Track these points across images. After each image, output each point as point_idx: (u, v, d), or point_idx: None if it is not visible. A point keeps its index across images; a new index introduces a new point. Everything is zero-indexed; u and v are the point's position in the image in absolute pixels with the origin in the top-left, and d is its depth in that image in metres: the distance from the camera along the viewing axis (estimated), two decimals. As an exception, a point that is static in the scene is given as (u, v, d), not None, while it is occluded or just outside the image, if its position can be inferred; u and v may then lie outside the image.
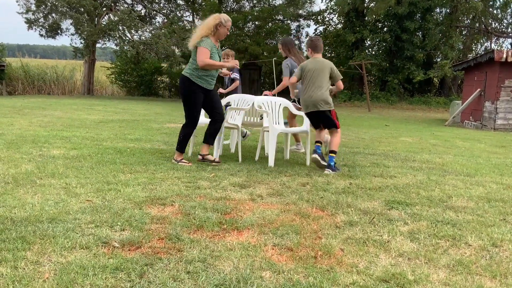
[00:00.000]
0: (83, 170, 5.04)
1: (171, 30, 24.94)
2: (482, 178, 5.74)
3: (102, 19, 25.13)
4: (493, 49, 16.02)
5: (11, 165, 5.09)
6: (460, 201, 4.47)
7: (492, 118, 15.08)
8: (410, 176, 5.65)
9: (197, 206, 3.86)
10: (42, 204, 3.71)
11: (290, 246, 3.10)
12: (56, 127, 8.88)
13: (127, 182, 4.60)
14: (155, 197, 4.09)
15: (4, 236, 2.98)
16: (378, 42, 29.79)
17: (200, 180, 4.90)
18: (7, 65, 24.13)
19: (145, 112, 14.31)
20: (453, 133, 13.08)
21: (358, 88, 28.51)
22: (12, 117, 10.40)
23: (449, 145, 9.57)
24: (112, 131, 8.76)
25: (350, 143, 8.84)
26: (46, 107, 14.35)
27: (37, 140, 6.97)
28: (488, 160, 7.42)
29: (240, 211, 3.85)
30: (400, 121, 16.95)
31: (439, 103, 26.35)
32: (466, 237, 3.41)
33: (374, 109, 22.98)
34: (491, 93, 15.25)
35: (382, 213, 3.96)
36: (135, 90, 29.19)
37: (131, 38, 24.65)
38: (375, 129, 12.67)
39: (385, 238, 3.33)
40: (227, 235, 3.28)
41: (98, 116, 12.01)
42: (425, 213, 4.00)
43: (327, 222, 3.65)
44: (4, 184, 4.28)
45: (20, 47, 59.86)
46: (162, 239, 3.11)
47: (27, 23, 23.49)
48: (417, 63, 26.98)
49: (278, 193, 4.50)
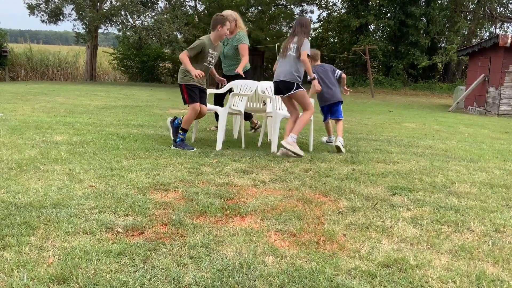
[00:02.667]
0: (86, 156, 5.05)
1: (173, 15, 24.80)
2: (485, 164, 5.73)
3: (104, 4, 25.00)
4: (498, 34, 15.89)
5: (14, 151, 5.10)
6: (463, 187, 4.47)
7: (496, 104, 15.01)
8: (413, 162, 5.65)
9: (200, 192, 3.87)
10: (45, 189, 3.73)
11: (293, 232, 3.11)
12: (59, 113, 8.88)
13: (130, 168, 4.61)
14: (158, 183, 4.10)
15: (8, 221, 3.00)
16: (382, 28, 29.61)
17: (203, 166, 4.90)
18: (10, 51, 24.07)
19: (148, 98, 14.30)
20: (456, 119, 13.04)
21: (362, 74, 28.39)
22: (15, 103, 10.40)
23: (452, 131, 9.55)
24: (115, 117, 8.76)
25: (353, 129, 8.83)
26: (49, 93, 14.34)
27: (40, 126, 6.98)
28: (492, 146, 7.40)
29: (243, 196, 3.86)
30: (403, 107, 16.90)
31: (443, 88, 26.25)
32: (469, 223, 3.41)
33: (377, 95, 22.89)
34: (495, 78, 15.17)
35: (385, 199, 3.97)
36: (138, 76, 29.12)
37: (133, 24, 24.55)
38: (378, 115, 12.64)
39: (387, 223, 3.34)
40: (230, 221, 3.29)
41: (100, 102, 12.01)
42: (428, 199, 4.00)
43: (329, 208, 3.65)
44: (7, 170, 4.29)
45: (23, 33, 59.62)
46: (165, 225, 3.12)
47: (29, 8, 23.37)
48: (421, 48, 26.83)
49: (281, 179, 4.50)
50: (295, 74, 5.79)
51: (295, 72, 5.80)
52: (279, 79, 5.87)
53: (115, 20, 23.95)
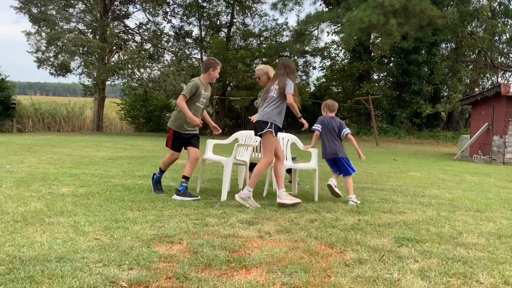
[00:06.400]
0: (92, 208, 5.05)
1: (179, 68, 25.31)
2: (492, 214, 5.68)
3: (112, 57, 25.60)
4: (500, 84, 16.07)
5: (20, 203, 5.11)
6: (470, 238, 4.42)
7: (501, 152, 15.01)
8: (419, 212, 5.61)
9: (205, 244, 3.85)
10: (50, 242, 3.72)
11: (299, 285, 3.07)
12: (66, 165, 8.95)
13: (135, 219, 4.61)
14: (163, 235, 4.08)
15: (12, 275, 2.98)
16: (384, 77, 30.04)
17: (208, 217, 4.89)
18: (18, 103, 24.49)
19: (154, 148, 14.40)
20: (462, 167, 13.01)
21: (366, 123, 28.59)
22: (22, 155, 10.50)
23: (458, 180, 9.51)
24: (121, 167, 8.81)
25: (358, 178, 8.81)
26: (56, 144, 14.49)
27: (47, 177, 7.02)
28: (498, 195, 7.36)
29: (248, 248, 3.83)
30: (408, 155, 16.91)
31: (447, 137, 26.34)
32: (478, 275, 3.36)
33: (382, 144, 22.97)
34: (499, 127, 15.23)
35: (392, 250, 3.93)
36: (144, 126, 29.46)
37: (140, 76, 25.04)
38: (383, 164, 12.64)
39: (395, 276, 3.29)
40: (235, 274, 3.25)
41: (107, 152, 12.10)
42: (436, 250, 3.95)
43: (336, 260, 3.61)
44: (13, 223, 4.29)
45: (31, 85, 60.89)
46: (170, 278, 3.09)
47: (37, 62, 23.98)
48: (424, 97, 27.13)
49: (286, 230, 4.47)
50: (270, 115, 5.65)
51: (270, 113, 5.66)
52: (258, 119, 5.78)
53: (122, 73, 24.46)
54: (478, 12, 25.72)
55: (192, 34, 30.52)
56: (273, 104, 5.71)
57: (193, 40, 30.32)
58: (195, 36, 30.51)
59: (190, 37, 30.39)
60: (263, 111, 5.75)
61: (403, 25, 18.95)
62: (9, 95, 23.62)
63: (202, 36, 30.34)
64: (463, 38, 27.66)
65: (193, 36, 30.48)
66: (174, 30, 30.20)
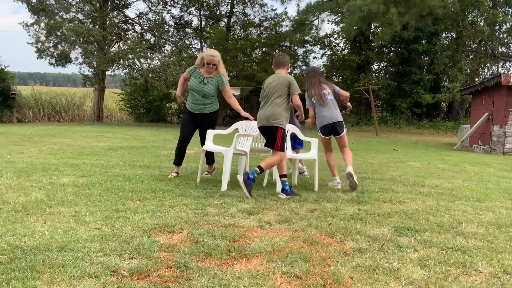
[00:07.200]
0: (93, 198, 5.07)
1: (180, 58, 25.24)
2: (492, 203, 5.70)
3: (111, 47, 25.53)
4: (500, 73, 16.04)
5: (21, 193, 5.13)
6: (470, 227, 4.44)
7: (501, 142, 15.01)
8: (419, 201, 5.63)
9: (205, 234, 3.87)
10: (51, 232, 3.73)
11: (299, 274, 3.09)
12: (66, 155, 8.95)
13: (135, 209, 4.62)
14: (163, 225, 4.10)
15: (14, 265, 3.00)
16: (385, 67, 29.95)
17: (209, 207, 4.90)
18: (18, 93, 24.47)
19: (154, 139, 14.40)
20: (462, 157, 13.02)
21: (366, 113, 28.57)
22: (23, 145, 10.51)
23: (458, 170, 9.52)
24: (121, 158, 8.82)
25: (358, 168, 8.82)
26: (56, 134, 14.49)
27: (47, 168, 7.03)
28: (498, 185, 7.37)
29: (249, 238, 3.85)
30: (408, 145, 16.92)
31: (448, 127, 26.33)
32: (477, 264, 3.38)
33: (382, 134, 22.97)
34: (499, 117, 15.23)
35: (392, 239, 3.94)
36: (144, 116, 29.44)
37: (140, 66, 24.99)
38: (383, 154, 12.65)
39: (394, 265, 3.31)
40: (236, 263, 3.27)
41: (107, 143, 12.11)
42: (435, 240, 3.97)
43: (336, 249, 3.63)
44: (14, 213, 4.31)
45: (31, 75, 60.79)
46: (171, 268, 3.11)
47: (37, 52, 23.92)
48: (424, 87, 27.08)
49: (286, 220, 4.49)
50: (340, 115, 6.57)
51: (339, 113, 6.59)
52: (336, 121, 6.47)
53: (122, 63, 24.41)
54: (478, 1, 25.58)
55: (192, 24, 30.44)
56: (336, 105, 6.55)
57: (193, 30, 30.22)
58: (195, 26, 30.42)
59: (190, 27, 30.28)
60: (336, 113, 6.48)
61: (404, 15, 18.83)
62: (8, 85, 23.59)
63: (202, 26, 30.22)
64: (464, 27, 27.54)
65: (193, 26, 30.39)
66: (173, 20, 30.12)
